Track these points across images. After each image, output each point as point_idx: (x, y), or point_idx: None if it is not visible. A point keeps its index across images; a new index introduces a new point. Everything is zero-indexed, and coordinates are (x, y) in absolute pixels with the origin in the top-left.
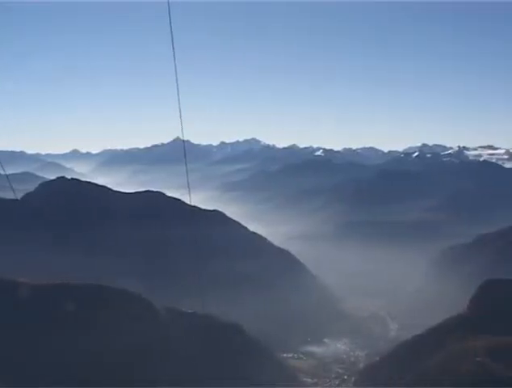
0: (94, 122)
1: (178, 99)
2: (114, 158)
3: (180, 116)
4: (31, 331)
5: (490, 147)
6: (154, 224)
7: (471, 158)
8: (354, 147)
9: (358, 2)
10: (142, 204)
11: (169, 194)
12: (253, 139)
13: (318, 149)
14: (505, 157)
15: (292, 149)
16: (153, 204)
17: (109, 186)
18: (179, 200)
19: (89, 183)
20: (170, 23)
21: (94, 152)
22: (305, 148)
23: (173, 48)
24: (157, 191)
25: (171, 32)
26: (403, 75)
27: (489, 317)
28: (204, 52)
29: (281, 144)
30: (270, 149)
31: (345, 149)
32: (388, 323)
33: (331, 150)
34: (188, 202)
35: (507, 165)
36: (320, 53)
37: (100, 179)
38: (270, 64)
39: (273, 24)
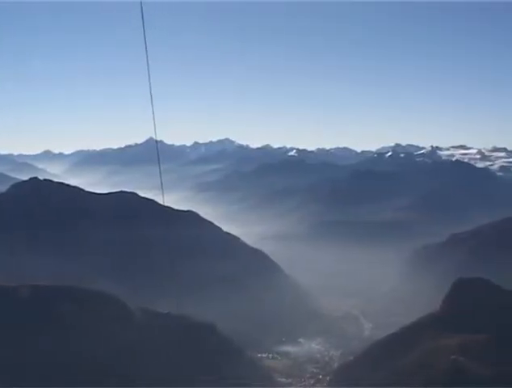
0: (67, 122)
1: (151, 100)
2: (87, 159)
3: (153, 117)
4: (3, 333)
5: (462, 147)
6: (128, 225)
7: (443, 157)
8: (327, 147)
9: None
10: (116, 205)
11: (142, 195)
12: (227, 139)
13: (292, 149)
14: (478, 157)
15: (266, 150)
16: (126, 205)
17: (82, 187)
18: (153, 200)
19: (62, 183)
20: (143, 23)
21: (66, 153)
22: (279, 148)
23: (145, 48)
24: (130, 192)
25: (144, 32)
26: (376, 75)
27: (462, 315)
28: (178, 51)
29: (255, 144)
30: (243, 149)
31: (318, 149)
32: (362, 323)
33: (305, 150)
34: (162, 203)
35: (479, 165)
36: (293, 53)
37: (73, 180)
38: (244, 64)
39: (247, 23)
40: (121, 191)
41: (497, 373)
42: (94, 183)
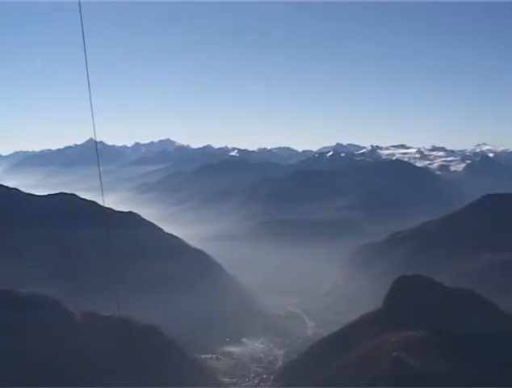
0: (4, 123)
1: (90, 100)
2: (25, 160)
3: (92, 117)
4: None
5: (402, 146)
6: (68, 227)
7: (384, 157)
8: (269, 147)
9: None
10: (55, 207)
11: (83, 196)
12: (168, 140)
13: (233, 149)
14: (417, 156)
15: (207, 150)
16: (66, 207)
17: (21, 189)
18: (93, 202)
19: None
20: (82, 24)
21: (4, 154)
22: (220, 148)
23: (84, 49)
24: (70, 194)
25: (82, 33)
26: (318, 75)
27: (404, 312)
28: (117, 51)
29: (196, 144)
30: (184, 149)
31: (260, 149)
32: (306, 321)
33: (246, 150)
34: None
35: (419, 164)
36: (233, 52)
37: (11, 182)
38: (184, 63)
39: (188, 24)
40: (61, 193)
41: (437, 367)
42: (33, 184)
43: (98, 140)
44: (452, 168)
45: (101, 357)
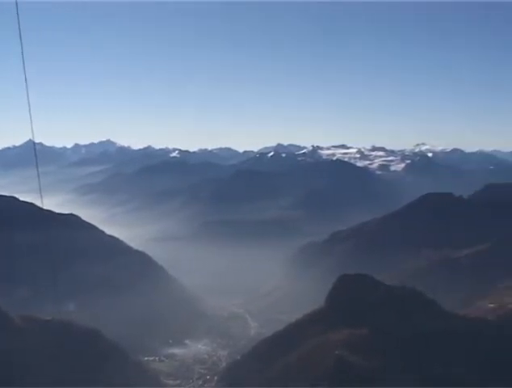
0: None
1: (28, 101)
2: None
3: (30, 118)
4: None
5: (343, 146)
6: (7, 230)
7: (324, 157)
8: (209, 148)
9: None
10: None
11: (22, 198)
12: (109, 141)
13: (174, 150)
14: (357, 156)
15: (148, 151)
16: (5, 210)
17: None
18: (33, 204)
19: None
20: (19, 22)
21: None
22: (161, 149)
23: (21, 47)
24: (9, 196)
25: (19, 32)
26: (258, 74)
27: (346, 311)
28: (55, 50)
29: (137, 145)
30: (125, 150)
31: (200, 149)
32: (249, 321)
33: (187, 151)
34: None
35: (359, 164)
36: (175, 52)
37: None
38: (124, 63)
39: (131, 23)
40: None
41: (379, 365)
42: None
43: (37, 141)
44: (392, 168)
45: (39, 361)
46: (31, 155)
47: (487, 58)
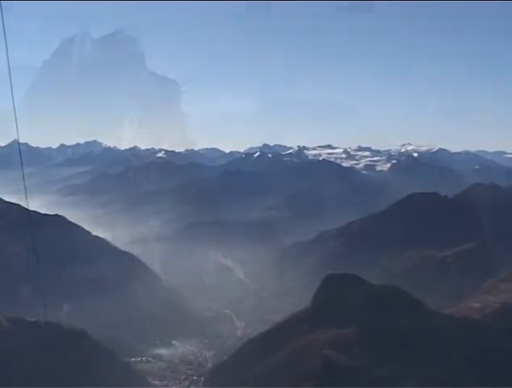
0: None
1: (13, 101)
2: None
3: (15, 118)
4: None
5: (329, 147)
6: None
7: (310, 157)
8: (196, 148)
9: None
10: None
11: (7, 199)
12: (95, 141)
13: (160, 150)
14: (343, 156)
15: (134, 151)
16: None
17: None
18: (18, 205)
19: None
20: (3, 21)
21: None
22: (147, 150)
23: (6, 46)
24: None
25: (4, 30)
26: (240, 73)
27: (332, 310)
28: (39, 48)
29: (123, 146)
30: (111, 151)
31: (187, 150)
32: (235, 322)
33: (173, 152)
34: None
35: (345, 164)
36: (159, 50)
37: None
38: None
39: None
40: None
41: (366, 364)
42: None
43: (22, 141)
44: (378, 168)
45: (27, 364)
46: (16, 156)
47: (471, 58)
